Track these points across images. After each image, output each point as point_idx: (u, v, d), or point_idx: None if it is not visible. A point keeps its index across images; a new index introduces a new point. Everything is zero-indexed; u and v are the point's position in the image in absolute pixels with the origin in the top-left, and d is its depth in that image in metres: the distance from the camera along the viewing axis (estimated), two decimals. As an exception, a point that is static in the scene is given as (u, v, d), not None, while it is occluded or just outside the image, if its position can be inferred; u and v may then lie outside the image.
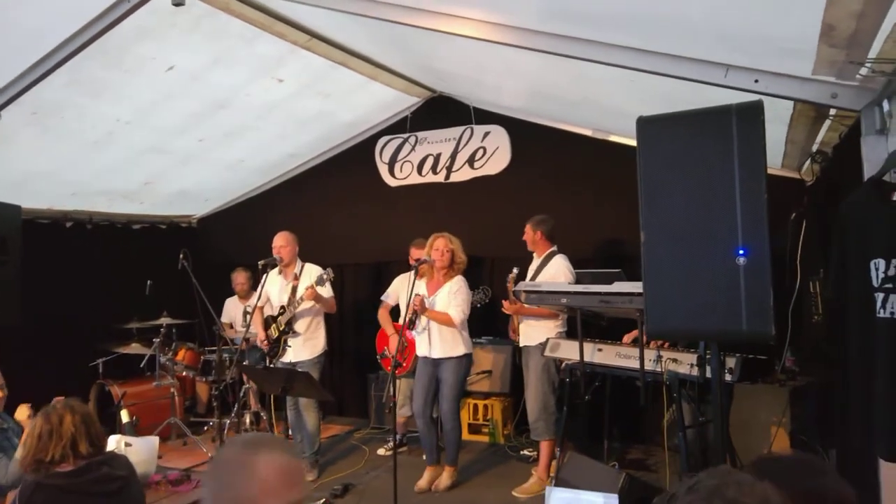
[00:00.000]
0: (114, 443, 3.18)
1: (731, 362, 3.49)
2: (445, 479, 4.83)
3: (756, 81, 2.56)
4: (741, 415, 4.17)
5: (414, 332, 4.96)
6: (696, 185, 2.63)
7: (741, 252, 2.53)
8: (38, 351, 5.57)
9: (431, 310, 4.76)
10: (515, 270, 5.09)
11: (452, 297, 4.78)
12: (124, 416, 3.94)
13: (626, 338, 4.33)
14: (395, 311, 5.77)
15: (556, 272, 4.78)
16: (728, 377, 3.41)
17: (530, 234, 4.94)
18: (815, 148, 3.63)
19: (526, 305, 4.72)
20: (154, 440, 3.49)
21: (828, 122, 3.07)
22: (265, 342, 5.23)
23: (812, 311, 3.91)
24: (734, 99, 2.57)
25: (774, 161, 4.31)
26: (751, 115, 2.51)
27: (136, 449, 3.08)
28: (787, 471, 1.63)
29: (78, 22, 3.88)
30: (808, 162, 3.97)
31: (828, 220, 3.27)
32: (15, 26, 3.79)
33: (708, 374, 3.32)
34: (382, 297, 5.63)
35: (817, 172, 3.80)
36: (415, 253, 5.46)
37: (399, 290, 5.60)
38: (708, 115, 2.61)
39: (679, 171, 2.66)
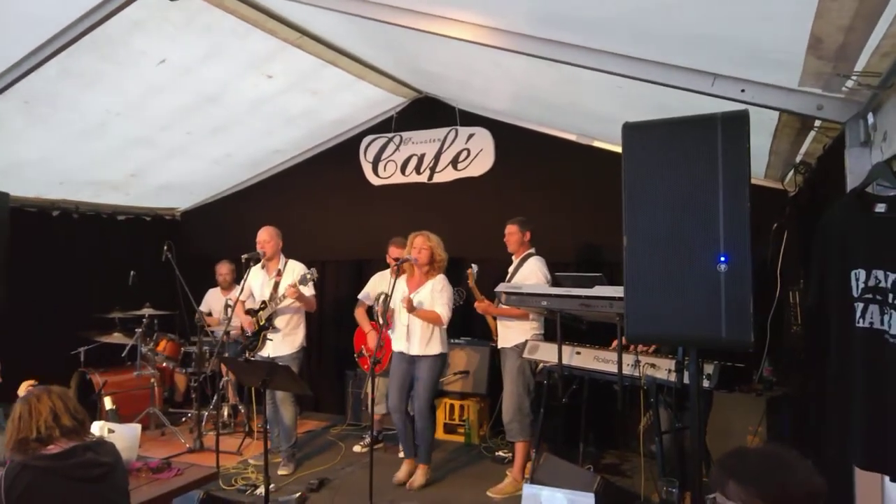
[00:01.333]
0: (97, 428, 3.09)
1: (708, 369, 3.46)
2: (419, 477, 4.76)
3: (742, 91, 2.52)
4: (718, 423, 4.15)
5: (389, 331, 4.88)
6: (680, 192, 2.58)
7: (722, 259, 2.49)
8: (20, 338, 5.45)
9: (420, 309, 4.67)
10: (474, 267, 5.06)
11: (438, 296, 4.70)
12: (108, 402, 3.84)
13: (615, 343, 4.25)
14: (372, 310, 5.71)
15: (529, 273, 4.74)
16: (706, 383, 3.38)
17: (517, 235, 4.88)
18: (798, 159, 3.61)
19: (501, 306, 4.67)
20: (136, 427, 3.39)
21: (812, 134, 3.04)
22: (250, 324, 5.11)
23: (791, 321, 3.89)
24: (720, 108, 2.53)
25: (758, 171, 4.29)
26: (736, 124, 2.47)
27: (119, 435, 2.99)
28: (754, 467, 1.58)
29: (76, 11, 3.80)
30: (791, 173, 3.95)
31: (809, 231, 3.25)
32: (13, 14, 3.70)
33: (686, 380, 3.33)
34: (360, 297, 5.55)
35: (800, 183, 3.78)
36: (393, 251, 5.39)
37: (377, 289, 5.53)
38: (694, 123, 2.57)
39: (663, 177, 2.62)
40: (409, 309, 4.62)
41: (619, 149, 4.98)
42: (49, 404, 2.43)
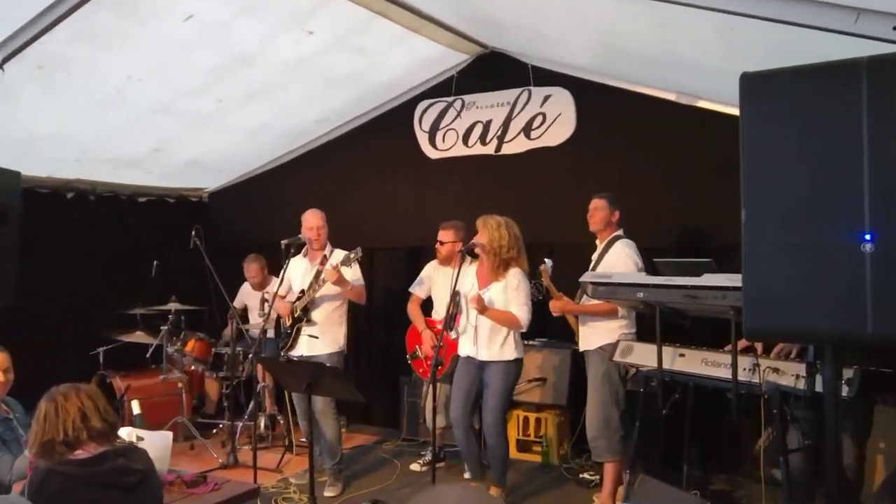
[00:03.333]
0: (125, 435, 3.20)
1: (847, 373, 3.34)
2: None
3: (895, 29, 2.41)
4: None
5: (452, 334, 4.90)
6: (813, 155, 2.50)
7: (868, 237, 2.40)
8: (33, 335, 5.64)
9: (493, 309, 4.65)
10: (548, 262, 5.00)
11: (514, 294, 4.67)
12: (135, 406, 3.96)
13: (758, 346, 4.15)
14: (427, 304, 5.76)
15: (616, 260, 4.70)
16: (844, 391, 3.27)
17: (604, 213, 4.85)
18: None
19: (584, 301, 4.63)
20: (168, 435, 3.50)
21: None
22: (287, 312, 5.24)
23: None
24: (864, 51, 2.44)
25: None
26: (886, 70, 2.37)
27: (148, 443, 3.08)
28: None
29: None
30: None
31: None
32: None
33: (818, 387, 3.24)
34: (411, 289, 5.58)
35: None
36: (441, 235, 5.42)
37: (433, 280, 5.56)
38: (831, 71, 2.48)
39: (792, 137, 2.55)
40: (480, 309, 4.58)
41: (730, 109, 4.92)
42: (77, 403, 2.53)
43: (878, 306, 2.37)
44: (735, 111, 2.66)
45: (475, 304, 4.58)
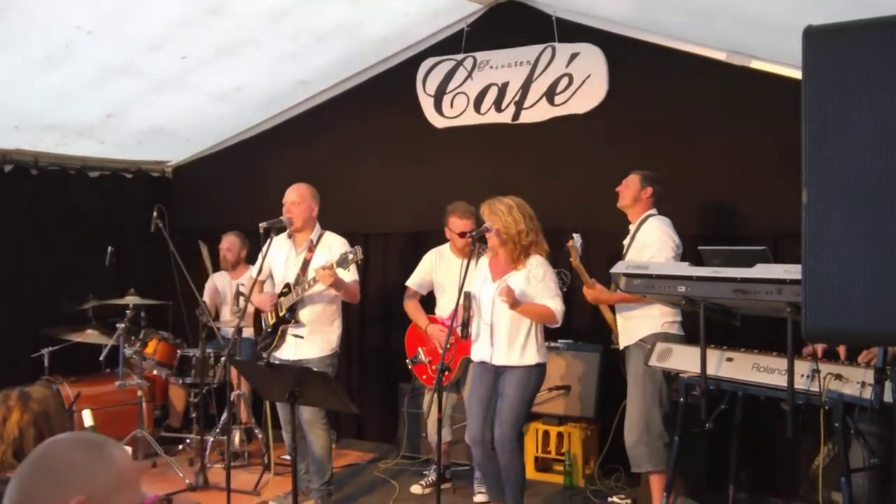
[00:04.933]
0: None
1: (921, 382, 3.40)
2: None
3: None
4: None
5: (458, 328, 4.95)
6: (888, 125, 2.54)
7: (951, 222, 2.44)
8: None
9: (526, 304, 4.65)
10: (576, 237, 5.03)
11: (543, 286, 4.70)
12: (87, 417, 4.01)
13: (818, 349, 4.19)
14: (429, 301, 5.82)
15: (650, 238, 4.80)
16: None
17: (634, 189, 4.95)
18: None
19: (619, 291, 4.67)
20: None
21: None
22: (269, 306, 5.31)
23: None
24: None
25: None
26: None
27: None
28: None
29: None
30: None
31: None
32: None
33: (888, 398, 3.28)
34: (408, 284, 5.63)
35: None
36: (455, 224, 5.45)
37: (436, 271, 5.59)
38: (912, 25, 2.51)
39: (863, 102, 2.57)
40: (512, 304, 4.55)
41: (790, 71, 4.94)
42: (15, 433, 2.68)
43: (960, 303, 2.42)
44: (797, 73, 2.70)
45: (506, 298, 4.51)
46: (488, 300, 4.76)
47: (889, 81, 2.52)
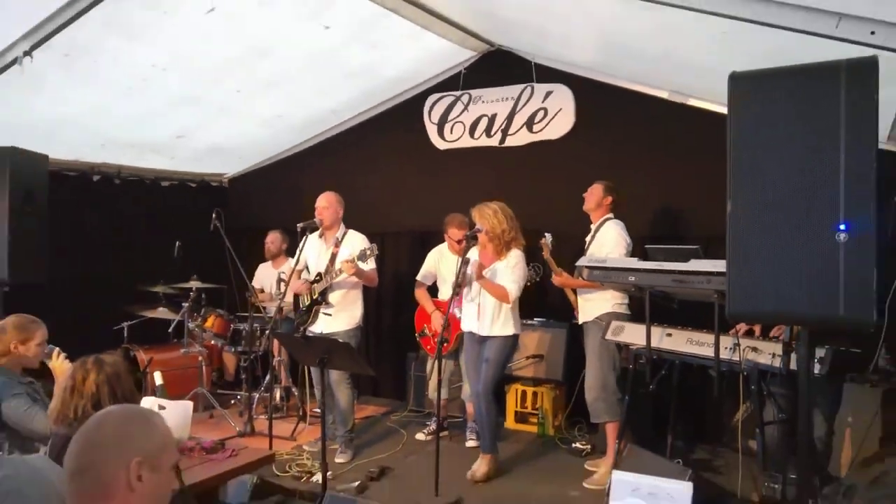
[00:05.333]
0: (148, 404, 3.30)
1: (819, 353, 3.42)
2: (482, 467, 4.85)
3: (872, 33, 2.47)
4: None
5: (457, 312, 4.98)
6: (794, 152, 2.57)
7: (842, 227, 2.47)
8: (59, 311, 5.69)
9: (488, 280, 4.75)
10: (548, 236, 5.10)
11: (510, 271, 4.77)
12: (157, 378, 4.07)
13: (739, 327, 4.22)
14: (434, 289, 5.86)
15: (606, 238, 4.82)
16: (817, 369, 3.35)
17: (598, 196, 4.96)
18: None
19: (581, 279, 4.71)
20: (188, 405, 3.60)
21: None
22: (305, 289, 5.33)
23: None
24: (845, 54, 2.49)
25: (881, 133, 4.16)
26: (863, 72, 2.43)
27: (169, 412, 3.17)
28: None
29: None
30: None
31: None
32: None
33: (793, 365, 3.32)
34: (418, 278, 5.66)
35: (931, 145, 3.67)
36: (454, 233, 5.48)
37: (438, 266, 5.64)
38: (813, 72, 2.54)
39: (775, 134, 2.61)
40: (478, 276, 4.69)
41: (718, 108, 4.98)
42: (92, 389, 2.73)
43: (849, 291, 2.45)
44: (723, 109, 2.72)
45: (475, 270, 4.68)
46: (477, 284, 4.81)
47: (794, 117, 2.55)
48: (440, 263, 5.70)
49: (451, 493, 4.49)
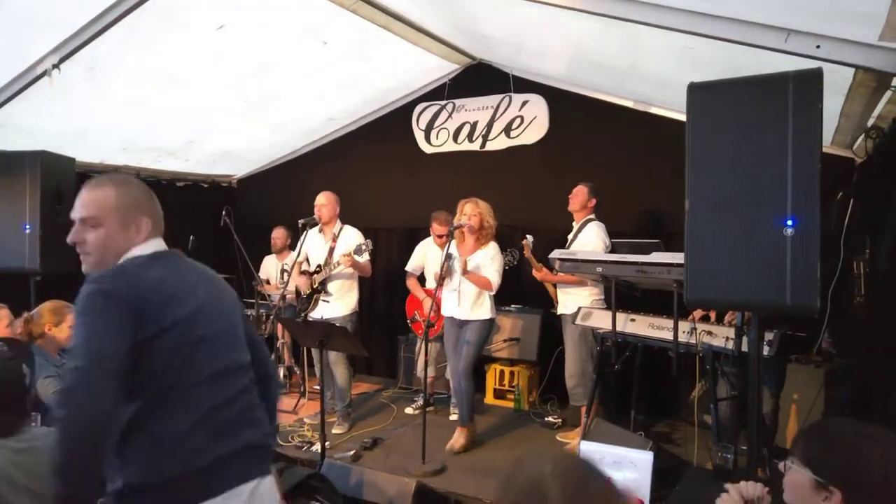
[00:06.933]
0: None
1: (768, 336, 3.39)
2: (460, 438, 4.80)
3: (818, 47, 2.43)
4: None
5: (443, 292, 4.92)
6: (746, 154, 2.53)
7: (789, 222, 2.43)
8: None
9: (474, 273, 4.71)
10: (529, 238, 5.04)
11: (490, 263, 4.73)
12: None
13: (696, 313, 4.18)
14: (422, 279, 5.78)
15: (588, 239, 4.75)
16: (765, 350, 3.32)
17: (583, 197, 4.88)
18: (870, 122, 3.46)
19: (558, 273, 4.65)
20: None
21: (888, 94, 2.90)
22: (306, 284, 5.23)
23: (854, 291, 3.78)
24: (794, 66, 2.44)
25: (826, 137, 4.11)
26: (809, 82, 2.39)
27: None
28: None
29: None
30: (861, 138, 3.78)
31: (880, 199, 3.13)
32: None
33: (745, 347, 3.27)
34: (408, 269, 5.60)
35: (870, 149, 3.63)
36: (437, 229, 5.39)
37: (426, 258, 5.57)
38: (763, 82, 2.50)
39: (729, 138, 2.56)
40: (464, 271, 4.67)
41: (678, 115, 4.91)
42: None
43: (795, 281, 2.42)
44: (682, 117, 2.67)
45: (461, 267, 4.68)
46: (458, 272, 4.78)
47: (745, 123, 2.50)
48: (426, 255, 5.63)
49: (437, 461, 4.44)
